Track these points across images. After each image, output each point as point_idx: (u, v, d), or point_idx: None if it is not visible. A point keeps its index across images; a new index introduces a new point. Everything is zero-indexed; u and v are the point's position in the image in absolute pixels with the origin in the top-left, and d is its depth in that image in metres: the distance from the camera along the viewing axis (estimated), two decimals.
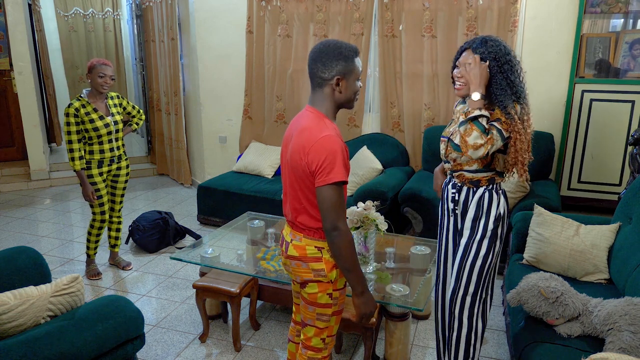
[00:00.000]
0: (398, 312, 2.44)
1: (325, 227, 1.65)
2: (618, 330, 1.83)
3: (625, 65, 3.73)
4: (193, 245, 3.07)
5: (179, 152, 5.74)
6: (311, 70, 1.69)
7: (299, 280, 1.79)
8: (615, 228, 2.52)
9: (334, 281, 1.75)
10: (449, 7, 3.98)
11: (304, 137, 1.64)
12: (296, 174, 1.69)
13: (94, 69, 3.20)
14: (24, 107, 5.55)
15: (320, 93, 1.70)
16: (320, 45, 1.68)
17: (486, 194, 2.02)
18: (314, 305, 1.78)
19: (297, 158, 1.65)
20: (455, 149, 1.95)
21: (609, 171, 3.85)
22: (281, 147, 1.84)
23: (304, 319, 1.84)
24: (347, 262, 1.67)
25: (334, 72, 1.65)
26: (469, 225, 2.06)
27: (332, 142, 1.60)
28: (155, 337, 2.83)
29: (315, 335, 1.82)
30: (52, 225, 4.60)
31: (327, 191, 1.60)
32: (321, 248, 1.73)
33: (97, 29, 8.49)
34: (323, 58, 1.65)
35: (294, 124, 1.76)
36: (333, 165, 1.58)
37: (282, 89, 4.76)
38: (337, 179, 1.59)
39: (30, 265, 2.27)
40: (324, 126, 1.64)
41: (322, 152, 1.59)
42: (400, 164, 4.27)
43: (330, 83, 1.66)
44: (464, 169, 2.03)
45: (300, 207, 1.73)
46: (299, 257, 1.75)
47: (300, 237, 1.75)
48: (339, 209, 1.62)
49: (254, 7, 4.66)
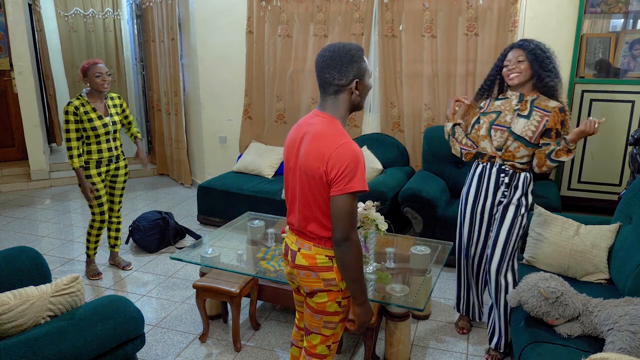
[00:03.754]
0: (398, 312, 2.44)
1: (336, 238, 1.60)
2: (618, 330, 1.83)
3: (625, 66, 3.73)
4: (193, 245, 3.07)
5: (179, 152, 5.75)
6: (324, 79, 1.62)
7: (307, 290, 1.73)
8: (615, 228, 2.52)
9: (343, 290, 1.71)
10: (449, 7, 3.98)
11: (322, 143, 1.58)
12: (310, 182, 1.61)
13: (88, 71, 3.19)
14: (24, 107, 5.55)
15: (335, 100, 1.64)
16: (328, 52, 1.62)
17: (528, 176, 2.43)
18: (322, 314, 1.73)
19: (314, 165, 1.58)
20: (519, 139, 2.34)
21: (609, 171, 3.85)
22: (285, 152, 1.77)
23: (308, 327, 1.80)
24: (355, 272, 1.63)
25: (350, 76, 1.61)
26: (515, 202, 2.43)
27: (353, 150, 1.56)
28: (155, 337, 2.83)
29: (321, 343, 1.79)
30: (52, 225, 4.60)
31: (344, 200, 1.55)
32: (332, 257, 1.67)
33: (97, 29, 8.49)
34: (337, 65, 1.59)
35: (301, 128, 1.70)
36: (354, 174, 1.54)
37: (282, 89, 4.76)
38: (357, 188, 1.54)
39: (30, 265, 2.27)
40: (341, 133, 1.60)
41: (344, 159, 1.54)
42: (400, 164, 4.27)
43: (349, 88, 1.62)
44: (515, 160, 2.40)
45: (311, 216, 1.66)
46: (309, 267, 1.68)
47: (310, 245, 1.69)
48: (353, 219, 1.59)
49: (254, 7, 4.66)
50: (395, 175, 3.96)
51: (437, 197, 3.55)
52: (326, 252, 1.67)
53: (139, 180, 6.14)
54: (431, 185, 3.66)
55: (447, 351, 2.68)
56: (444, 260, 2.78)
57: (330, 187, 1.57)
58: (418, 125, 4.32)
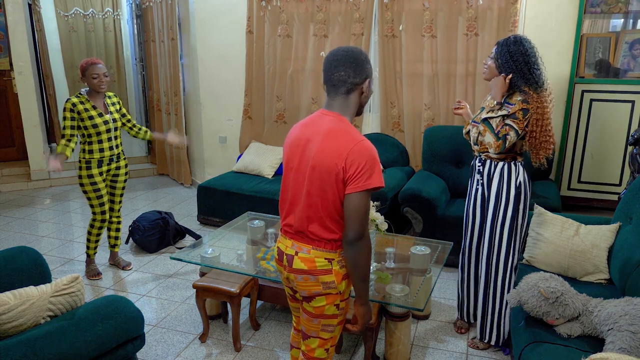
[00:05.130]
0: (398, 312, 2.44)
1: (349, 237, 1.57)
2: (618, 330, 1.83)
3: (625, 65, 3.73)
4: (193, 245, 3.07)
5: (179, 152, 5.74)
6: (338, 78, 1.62)
7: (305, 295, 1.70)
8: (615, 228, 2.52)
9: (342, 292, 1.69)
10: (449, 7, 3.98)
11: (338, 140, 1.58)
12: (322, 179, 1.59)
13: (86, 71, 3.20)
14: (24, 107, 5.55)
15: (345, 99, 1.65)
16: (341, 52, 1.64)
17: (505, 166, 2.42)
18: (320, 317, 1.71)
19: (330, 162, 1.56)
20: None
21: (609, 171, 3.85)
22: (286, 152, 1.74)
23: (306, 332, 1.77)
24: (365, 272, 1.63)
25: (364, 75, 1.64)
26: (494, 194, 2.45)
27: (371, 148, 1.58)
28: (155, 337, 2.83)
29: (320, 347, 1.77)
30: (52, 225, 4.60)
31: (361, 198, 1.55)
32: (331, 260, 1.65)
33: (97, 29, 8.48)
34: (353, 64, 1.61)
35: (308, 128, 1.68)
36: (373, 171, 1.56)
37: (282, 89, 4.76)
38: (375, 184, 1.56)
39: (30, 265, 2.26)
40: (356, 131, 1.62)
41: (363, 156, 1.55)
42: (400, 164, 4.27)
43: (361, 87, 1.65)
44: (489, 152, 2.44)
45: (315, 216, 1.63)
46: (308, 271, 1.65)
47: (309, 248, 1.65)
48: (367, 217, 1.59)
49: (254, 7, 4.66)
50: (395, 175, 3.96)
51: (437, 197, 3.55)
52: (325, 255, 1.65)
53: (139, 180, 6.14)
54: (431, 185, 3.66)
55: (447, 351, 2.68)
56: (444, 260, 2.78)
57: (347, 184, 1.56)
58: (418, 125, 4.32)
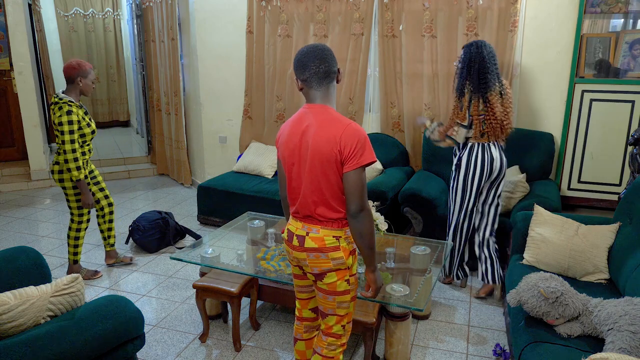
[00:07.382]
0: (398, 312, 2.44)
1: (352, 211, 1.75)
2: (618, 330, 1.83)
3: (625, 65, 3.73)
4: (193, 245, 3.07)
5: (179, 152, 5.74)
6: (316, 71, 1.78)
7: (316, 272, 1.86)
8: (615, 228, 2.52)
9: (350, 267, 1.87)
10: (449, 7, 3.98)
11: (329, 128, 1.75)
12: (323, 166, 1.76)
13: (88, 75, 3.16)
14: (24, 107, 5.55)
15: (326, 90, 1.82)
16: (311, 49, 1.79)
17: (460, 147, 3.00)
18: (334, 294, 1.87)
19: (327, 149, 1.74)
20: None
21: (609, 171, 3.85)
22: (283, 148, 1.88)
23: (324, 310, 1.94)
24: (371, 240, 1.80)
25: (336, 64, 1.83)
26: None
27: (359, 129, 1.76)
28: (155, 337, 2.83)
29: (337, 323, 1.95)
30: (52, 225, 4.60)
31: (357, 174, 1.73)
32: (338, 237, 1.83)
33: (97, 29, 8.49)
34: (327, 56, 1.79)
35: (301, 122, 1.82)
36: (364, 149, 1.73)
37: (282, 89, 4.76)
38: (368, 160, 1.74)
39: (30, 265, 2.27)
40: (342, 116, 1.80)
41: (354, 137, 1.72)
42: (400, 164, 4.27)
43: (337, 75, 1.84)
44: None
45: (321, 200, 1.80)
46: (319, 249, 1.82)
47: (318, 228, 1.83)
48: (365, 190, 1.77)
49: (254, 7, 4.66)
50: (395, 175, 3.96)
51: (437, 197, 3.55)
52: (333, 233, 1.83)
53: (139, 180, 6.15)
54: (431, 185, 3.66)
55: (447, 351, 2.68)
56: (443, 261, 2.78)
57: (344, 164, 1.74)
58: (418, 125, 4.31)
